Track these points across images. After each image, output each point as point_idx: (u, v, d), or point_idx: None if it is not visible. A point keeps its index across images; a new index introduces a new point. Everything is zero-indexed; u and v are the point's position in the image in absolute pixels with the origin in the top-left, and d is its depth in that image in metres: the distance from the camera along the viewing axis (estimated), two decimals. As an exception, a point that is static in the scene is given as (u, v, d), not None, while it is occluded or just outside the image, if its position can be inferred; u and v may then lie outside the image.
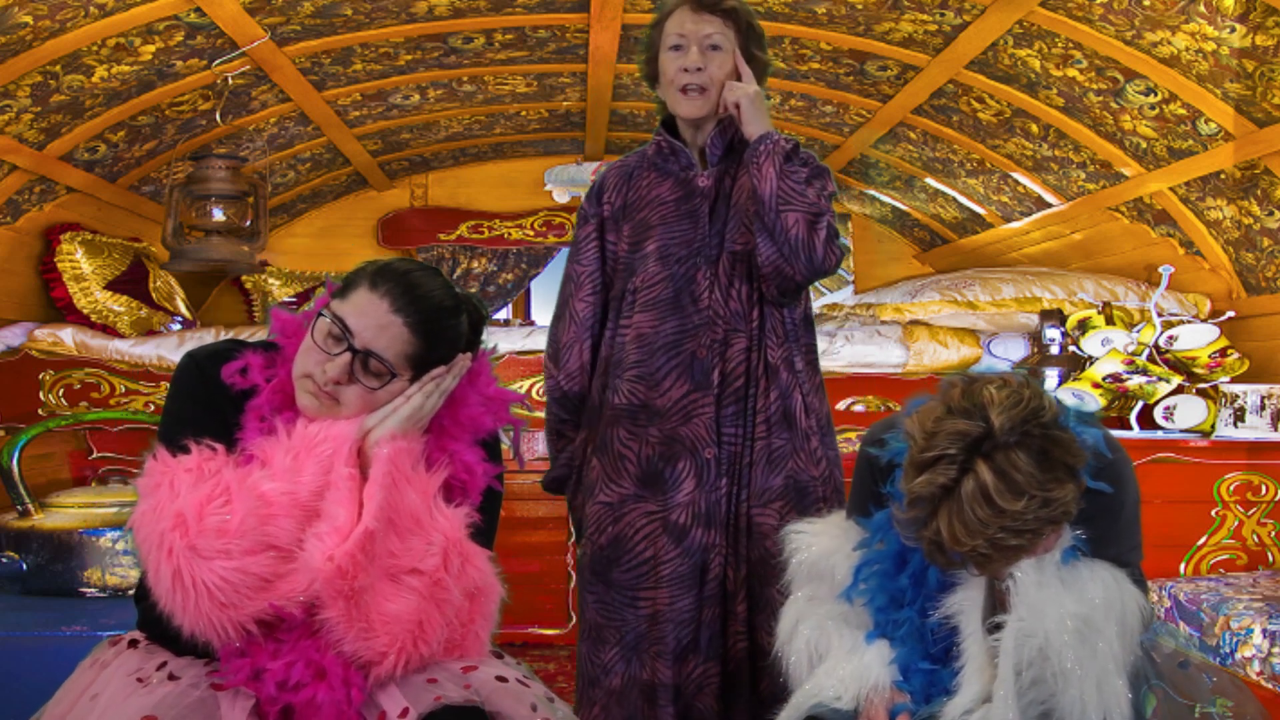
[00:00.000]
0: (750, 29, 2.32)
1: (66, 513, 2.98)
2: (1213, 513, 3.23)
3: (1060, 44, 3.28)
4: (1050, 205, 4.45)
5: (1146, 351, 3.58)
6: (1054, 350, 3.87)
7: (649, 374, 2.26)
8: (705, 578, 2.23)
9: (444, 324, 1.71)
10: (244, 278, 5.32)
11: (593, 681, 2.28)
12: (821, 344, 3.94)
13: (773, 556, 2.18)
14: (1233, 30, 2.84)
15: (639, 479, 2.26)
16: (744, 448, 2.26)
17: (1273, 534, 3.24)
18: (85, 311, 4.10)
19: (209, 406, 1.69)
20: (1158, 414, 3.52)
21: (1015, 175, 4.40)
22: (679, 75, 2.26)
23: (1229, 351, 3.57)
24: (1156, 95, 3.32)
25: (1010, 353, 4.11)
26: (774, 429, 2.26)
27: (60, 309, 4.12)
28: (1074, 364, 3.77)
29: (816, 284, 5.77)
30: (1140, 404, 3.54)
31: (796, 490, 2.25)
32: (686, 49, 2.27)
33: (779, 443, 2.26)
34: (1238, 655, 2.60)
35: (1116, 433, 2.06)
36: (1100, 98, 3.49)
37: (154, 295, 4.43)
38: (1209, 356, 3.57)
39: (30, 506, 2.96)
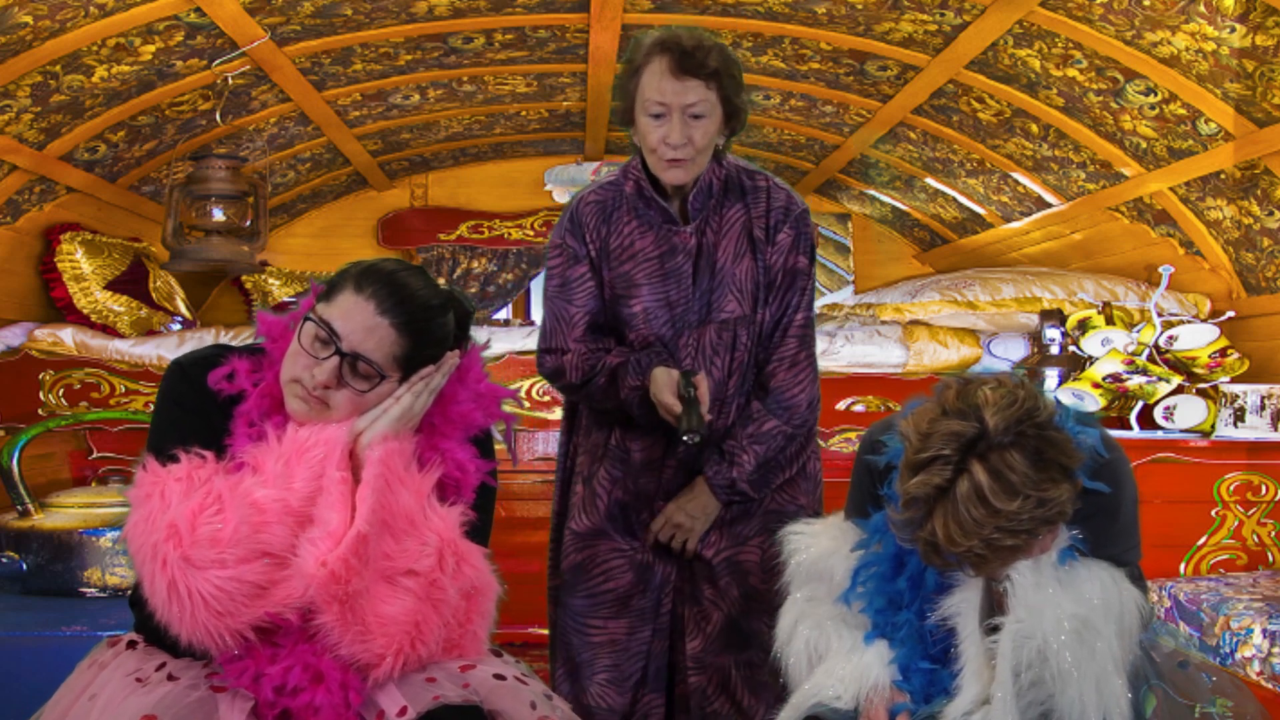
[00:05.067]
0: (732, 80, 2.18)
1: (66, 513, 2.98)
2: (1213, 513, 3.23)
3: (1060, 44, 3.28)
4: (1050, 205, 4.45)
5: (1146, 351, 3.58)
6: (1054, 350, 3.87)
7: (632, 425, 2.27)
8: (659, 612, 2.28)
9: (431, 323, 1.70)
10: (244, 278, 5.32)
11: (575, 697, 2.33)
12: (821, 344, 3.94)
13: (758, 591, 2.23)
14: (1233, 30, 2.84)
15: (607, 516, 2.28)
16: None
17: (1273, 534, 3.23)
18: (85, 311, 4.10)
19: (197, 413, 1.69)
20: (1158, 414, 3.52)
21: (1015, 175, 4.40)
22: (662, 148, 2.17)
23: (1229, 351, 3.57)
24: (1156, 95, 3.32)
25: (1010, 353, 4.11)
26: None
27: (60, 309, 4.12)
28: (1074, 364, 3.77)
29: (816, 284, 5.78)
30: (1140, 404, 3.54)
31: (779, 520, 2.22)
32: (668, 118, 2.15)
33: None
34: (1238, 655, 2.60)
35: (1116, 433, 2.06)
36: (1100, 98, 3.49)
37: (154, 295, 4.43)
38: (1209, 356, 3.57)
39: (30, 506, 2.96)
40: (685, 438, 2.06)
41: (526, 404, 3.82)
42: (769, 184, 2.30)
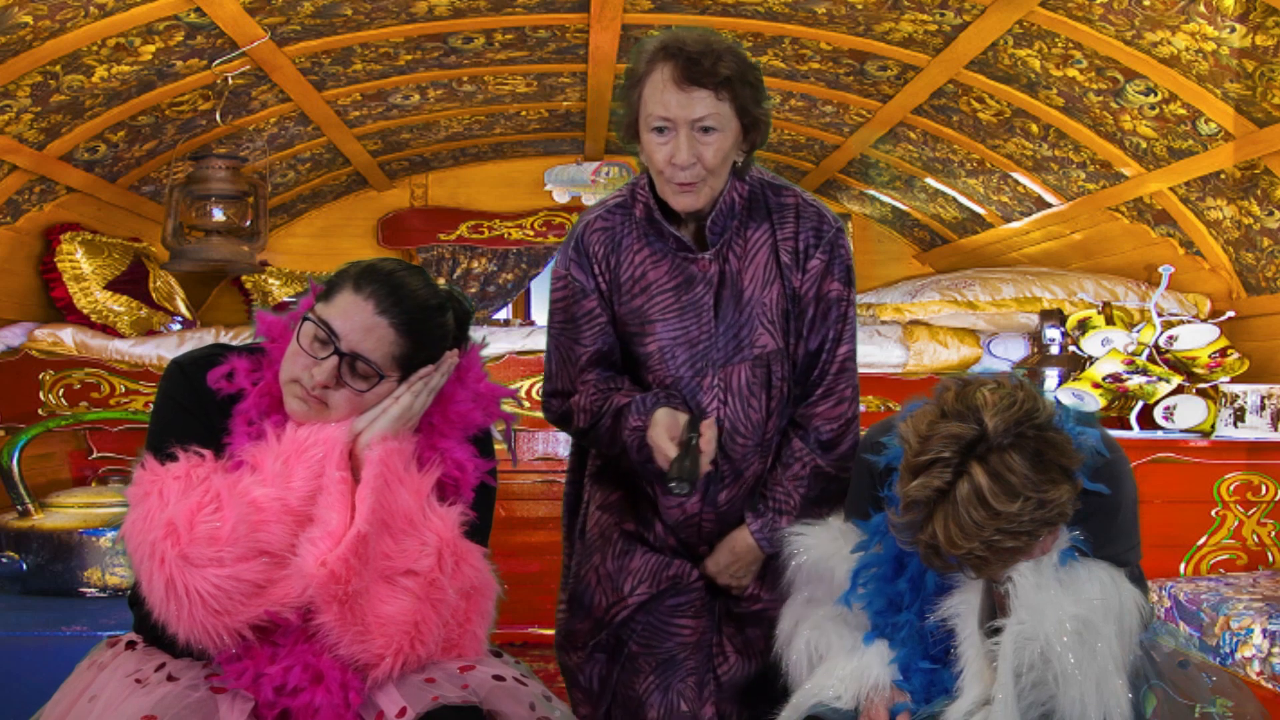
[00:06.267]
0: (748, 88, 1.92)
1: (66, 513, 2.98)
2: (1213, 513, 3.23)
3: (1060, 44, 3.28)
4: (1050, 205, 4.45)
5: (1146, 351, 3.58)
6: (1054, 350, 3.87)
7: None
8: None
9: (430, 323, 1.71)
10: (244, 278, 5.32)
11: (633, 713, 2.14)
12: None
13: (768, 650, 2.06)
14: (1233, 30, 2.84)
15: (675, 554, 2.12)
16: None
17: (1273, 534, 3.23)
18: (85, 311, 4.10)
19: (196, 412, 1.69)
20: (1158, 414, 3.52)
21: (1015, 175, 4.40)
22: (668, 169, 1.91)
23: (1229, 351, 3.57)
24: (1156, 95, 3.31)
25: (1010, 353, 4.11)
26: None
27: (60, 309, 4.12)
28: (1074, 364, 3.77)
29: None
30: (1140, 404, 3.54)
31: None
32: (674, 134, 1.89)
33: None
34: (1238, 655, 2.60)
35: (1116, 433, 2.06)
36: (1100, 98, 3.49)
37: (154, 295, 4.43)
38: (1209, 356, 3.57)
39: (30, 506, 2.96)
40: (671, 485, 1.81)
41: (526, 404, 3.82)
42: (798, 201, 2.06)
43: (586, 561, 2.16)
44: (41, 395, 3.88)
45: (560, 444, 3.99)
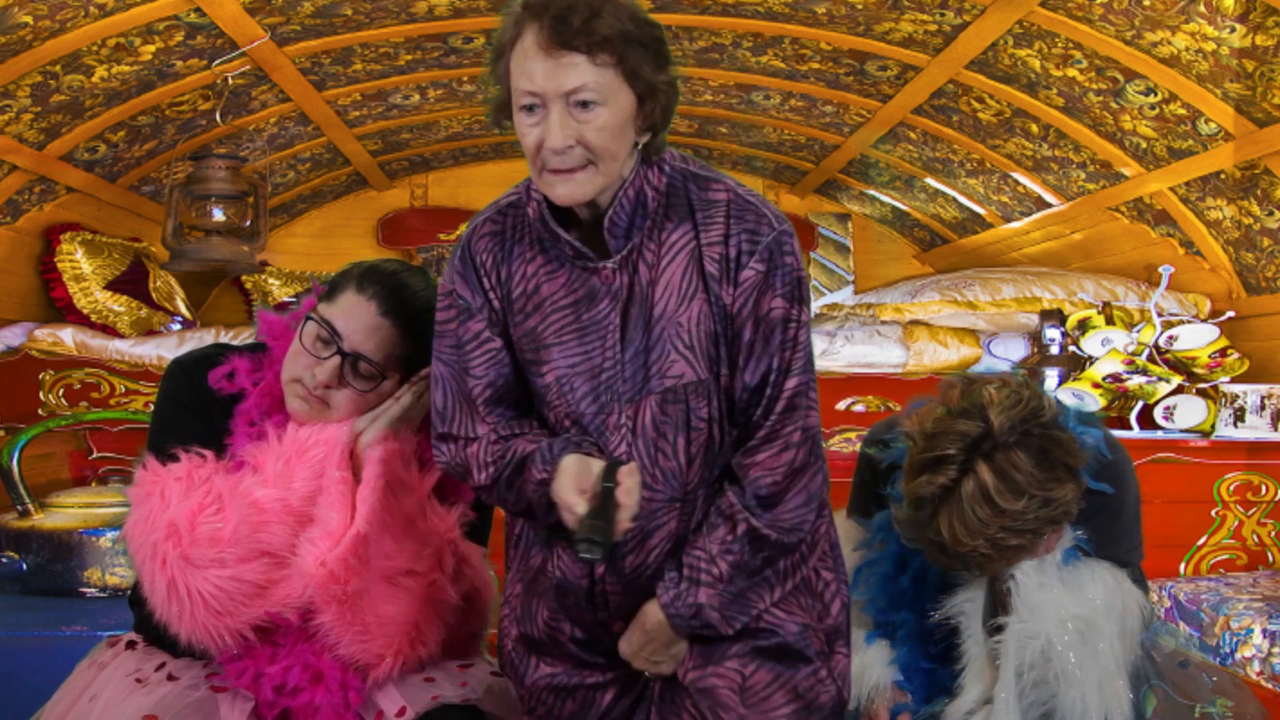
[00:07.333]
0: (638, 49, 1.52)
1: (66, 513, 2.98)
2: (1213, 513, 3.23)
3: (1060, 44, 3.28)
4: (1050, 205, 4.45)
5: (1146, 351, 3.58)
6: (1054, 350, 3.87)
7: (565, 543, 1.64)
8: None
9: (432, 323, 1.71)
10: (244, 278, 5.32)
11: None
12: (821, 344, 3.94)
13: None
14: (1233, 30, 2.84)
15: (581, 643, 1.69)
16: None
17: (1273, 534, 3.24)
18: (85, 311, 4.10)
19: (197, 412, 1.70)
20: (1158, 414, 3.52)
21: (1015, 175, 4.40)
22: (541, 154, 1.55)
23: (1229, 351, 3.57)
24: (1156, 95, 3.32)
25: (1010, 353, 4.11)
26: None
27: (60, 309, 4.12)
28: (1074, 364, 3.78)
29: (815, 284, 5.77)
30: (1140, 404, 3.54)
31: (767, 640, 1.65)
32: (544, 111, 1.53)
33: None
34: (1238, 655, 2.60)
35: (1116, 433, 2.06)
36: (1100, 98, 3.49)
37: (154, 295, 4.43)
38: (1209, 356, 3.57)
39: (30, 506, 2.96)
40: (580, 548, 1.44)
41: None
42: (730, 196, 1.62)
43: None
44: (41, 395, 3.88)
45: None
